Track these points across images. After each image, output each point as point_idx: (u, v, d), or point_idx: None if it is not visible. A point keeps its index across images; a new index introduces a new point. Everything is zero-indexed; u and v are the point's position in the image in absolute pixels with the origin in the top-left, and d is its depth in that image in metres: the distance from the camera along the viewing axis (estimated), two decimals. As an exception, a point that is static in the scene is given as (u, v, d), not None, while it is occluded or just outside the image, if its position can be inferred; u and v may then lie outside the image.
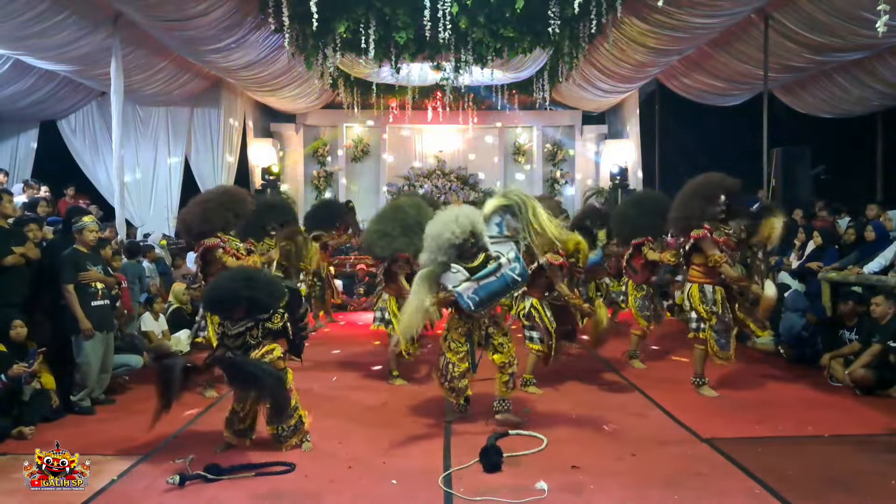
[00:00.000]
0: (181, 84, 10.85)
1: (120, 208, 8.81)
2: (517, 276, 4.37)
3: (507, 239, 4.51)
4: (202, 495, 3.82)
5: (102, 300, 5.57)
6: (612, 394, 5.94)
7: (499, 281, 4.34)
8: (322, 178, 14.58)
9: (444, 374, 4.84)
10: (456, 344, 4.80)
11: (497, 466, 4.10)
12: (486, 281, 4.34)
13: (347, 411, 5.45)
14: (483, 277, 4.35)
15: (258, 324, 4.43)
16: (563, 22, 8.30)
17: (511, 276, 4.35)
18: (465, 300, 4.35)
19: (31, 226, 5.77)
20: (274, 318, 4.45)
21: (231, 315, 4.40)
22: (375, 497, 3.79)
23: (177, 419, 5.17)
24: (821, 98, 10.85)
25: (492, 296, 4.39)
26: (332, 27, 8.53)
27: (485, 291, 4.33)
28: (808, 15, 8.02)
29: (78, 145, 11.60)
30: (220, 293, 4.41)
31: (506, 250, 4.43)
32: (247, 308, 4.35)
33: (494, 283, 4.35)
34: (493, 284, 4.35)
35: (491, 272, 4.36)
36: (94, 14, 7.70)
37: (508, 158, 14.91)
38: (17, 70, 8.97)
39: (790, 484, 3.84)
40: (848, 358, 6.02)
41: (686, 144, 13.17)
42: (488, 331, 4.81)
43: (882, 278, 6.36)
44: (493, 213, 4.55)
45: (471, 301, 4.33)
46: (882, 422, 4.99)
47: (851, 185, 11.72)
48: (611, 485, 3.88)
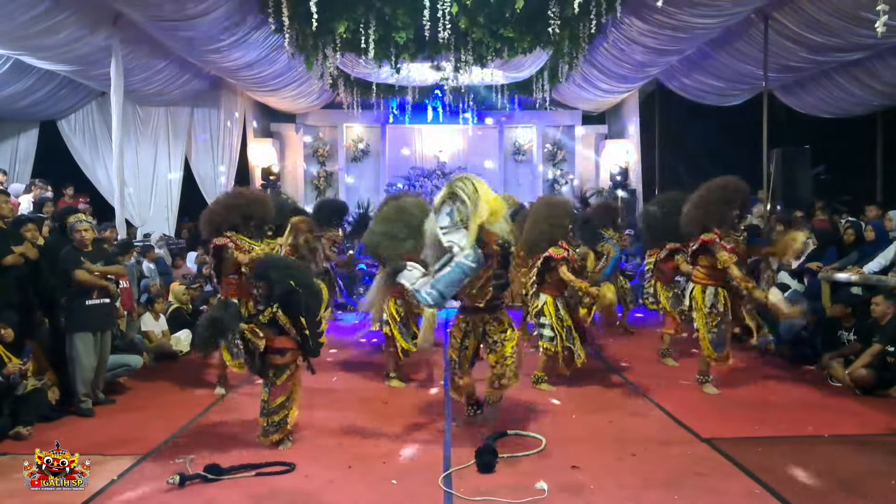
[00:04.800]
0: (181, 84, 10.85)
1: (120, 208, 8.81)
2: (471, 264, 4.24)
3: (458, 226, 4.36)
4: (202, 495, 3.82)
5: (98, 299, 5.56)
6: (613, 394, 5.94)
7: (455, 271, 4.23)
8: (322, 178, 14.59)
9: (448, 372, 4.89)
10: (455, 340, 4.82)
11: (490, 466, 4.09)
12: (442, 273, 4.25)
13: (347, 411, 5.45)
14: (438, 270, 4.28)
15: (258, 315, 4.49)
16: (563, 22, 8.30)
17: (465, 263, 4.22)
18: (423, 296, 4.27)
19: (29, 226, 5.78)
20: (266, 311, 4.46)
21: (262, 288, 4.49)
22: (375, 497, 3.79)
23: (177, 419, 5.19)
24: (821, 98, 10.84)
25: (448, 286, 4.26)
26: (332, 27, 8.53)
27: (441, 283, 4.23)
28: (808, 15, 8.01)
29: (78, 145, 11.59)
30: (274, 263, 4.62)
31: (458, 238, 4.29)
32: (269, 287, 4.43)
33: (449, 273, 4.23)
34: (448, 275, 4.23)
35: (444, 263, 4.27)
36: (94, 14, 7.69)
37: (508, 158, 14.91)
38: (17, 70, 8.97)
39: (790, 484, 3.84)
40: (848, 358, 6.02)
41: (686, 144, 13.17)
42: (485, 328, 4.78)
43: (882, 278, 6.36)
44: (442, 203, 4.43)
45: (428, 296, 4.24)
46: (882, 422, 4.99)
47: (851, 185, 11.70)
48: (611, 485, 3.88)
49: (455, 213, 4.34)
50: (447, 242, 4.29)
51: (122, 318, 6.96)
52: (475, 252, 4.25)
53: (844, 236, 7.53)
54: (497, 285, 4.66)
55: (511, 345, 4.75)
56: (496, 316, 4.80)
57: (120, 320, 6.76)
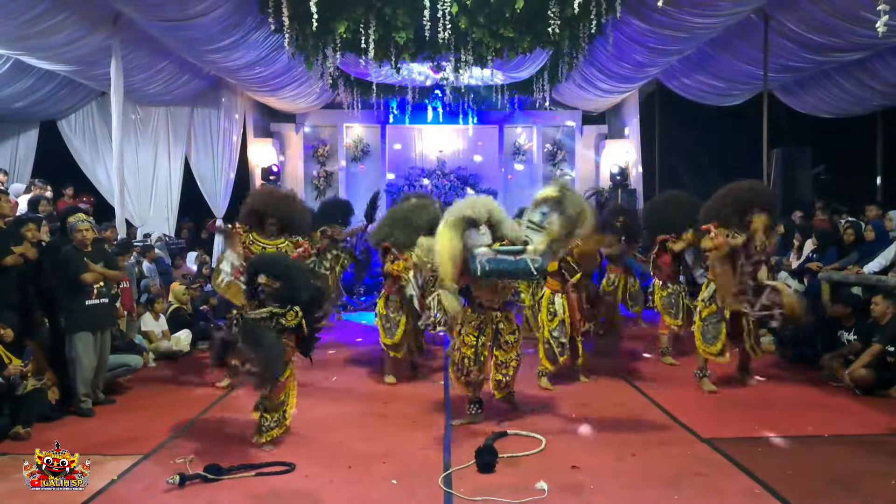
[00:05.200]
0: (181, 84, 10.84)
1: (120, 208, 8.80)
2: (535, 269, 4.32)
3: (543, 231, 4.45)
4: (202, 495, 3.82)
5: (98, 299, 5.56)
6: (612, 394, 5.93)
7: (516, 263, 4.30)
8: (322, 178, 14.58)
9: (461, 369, 4.90)
10: (470, 338, 4.85)
11: (490, 466, 4.10)
12: (504, 257, 4.30)
13: (347, 411, 5.45)
14: (504, 252, 4.32)
15: (273, 317, 4.45)
16: (563, 22, 8.29)
17: (529, 264, 4.30)
18: (476, 263, 4.32)
19: (29, 226, 5.78)
20: (288, 315, 4.46)
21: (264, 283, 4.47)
22: (375, 497, 3.79)
23: (177, 419, 5.19)
24: (821, 98, 10.83)
25: (502, 273, 4.35)
26: (332, 27, 8.51)
27: (498, 265, 4.29)
28: (808, 15, 8.01)
29: (78, 145, 11.57)
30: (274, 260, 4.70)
31: (537, 240, 4.39)
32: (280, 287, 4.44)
33: (511, 262, 4.30)
34: (508, 262, 4.30)
35: (513, 252, 4.33)
36: (94, 14, 7.69)
37: (508, 158, 14.90)
38: (17, 70, 8.96)
39: (790, 484, 3.84)
40: (848, 358, 6.02)
41: (686, 144, 13.16)
42: (498, 326, 4.83)
43: (882, 278, 6.36)
44: (542, 200, 4.50)
45: (480, 266, 4.30)
46: (882, 422, 4.99)
47: (851, 185, 11.70)
48: (611, 485, 3.88)
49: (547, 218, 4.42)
50: (525, 235, 4.39)
51: (122, 318, 6.96)
52: (544, 261, 4.34)
53: (844, 236, 7.53)
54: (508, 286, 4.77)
55: (520, 345, 4.87)
56: (507, 315, 4.89)
57: (120, 320, 6.77)
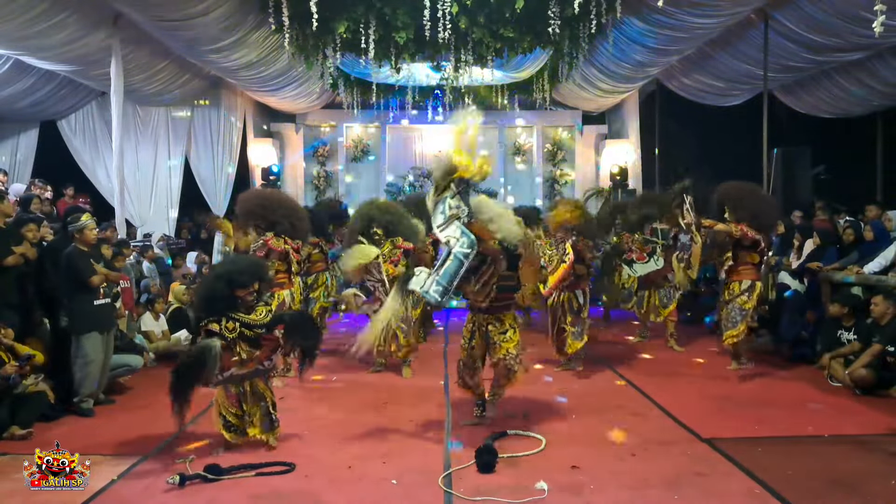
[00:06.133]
0: (181, 84, 10.85)
1: (120, 208, 8.81)
2: (466, 249, 4.41)
3: (451, 219, 4.51)
4: (202, 495, 3.82)
5: (104, 299, 5.58)
6: (612, 394, 5.94)
7: (453, 262, 4.40)
8: (322, 178, 14.58)
9: (458, 370, 4.99)
10: (464, 341, 4.94)
11: (490, 466, 4.10)
12: (444, 268, 4.42)
13: (347, 411, 5.45)
14: (440, 266, 4.45)
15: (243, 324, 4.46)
16: (563, 22, 8.30)
17: (462, 251, 4.40)
18: (431, 295, 4.43)
19: (29, 226, 5.77)
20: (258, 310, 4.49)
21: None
22: (375, 497, 3.79)
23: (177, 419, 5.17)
24: (821, 98, 10.83)
25: (450, 277, 4.43)
26: (332, 27, 8.52)
27: (444, 278, 4.40)
28: (808, 15, 8.01)
29: (78, 145, 11.59)
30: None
31: (452, 230, 4.47)
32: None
33: (450, 266, 4.41)
34: (449, 268, 4.41)
35: (444, 258, 4.45)
36: (94, 14, 7.70)
37: (508, 158, 14.90)
38: (17, 70, 8.97)
39: (790, 484, 3.83)
40: (848, 358, 6.02)
41: (686, 144, 13.17)
42: (488, 328, 4.84)
43: (882, 278, 6.36)
44: (434, 205, 4.59)
45: (435, 293, 4.41)
46: (882, 422, 4.99)
47: (851, 185, 11.70)
48: (611, 485, 3.88)
49: (446, 208, 4.48)
50: (444, 238, 4.50)
51: (123, 318, 6.96)
52: (468, 237, 4.42)
53: (844, 236, 7.53)
54: (502, 286, 4.71)
55: (509, 346, 4.79)
56: (498, 317, 4.86)
57: (120, 320, 6.77)
